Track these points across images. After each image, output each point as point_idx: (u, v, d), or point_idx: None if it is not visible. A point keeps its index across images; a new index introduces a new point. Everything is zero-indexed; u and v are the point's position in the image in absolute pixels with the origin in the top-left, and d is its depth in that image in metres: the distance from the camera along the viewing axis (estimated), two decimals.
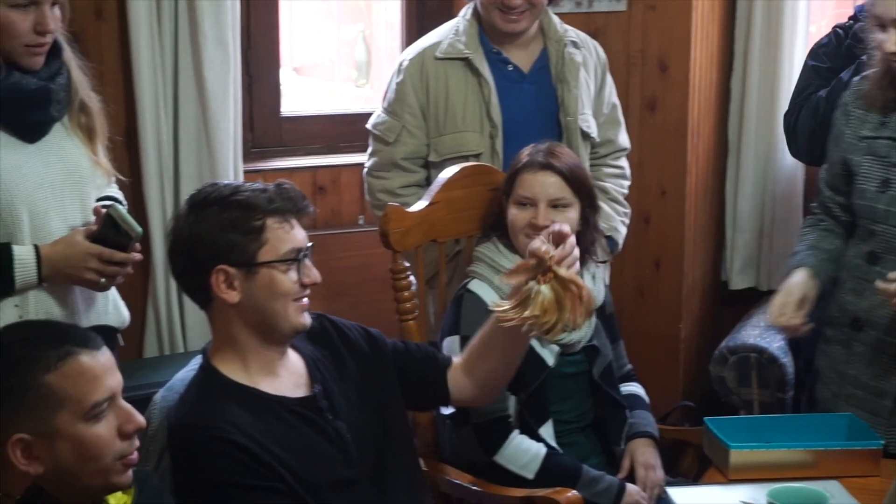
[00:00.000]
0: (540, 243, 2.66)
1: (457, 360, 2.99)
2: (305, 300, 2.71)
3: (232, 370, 2.67)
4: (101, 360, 2.23)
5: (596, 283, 3.46)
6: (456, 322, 3.32)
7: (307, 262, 2.70)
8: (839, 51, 4.07)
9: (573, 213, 3.37)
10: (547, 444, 3.31)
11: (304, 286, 2.69)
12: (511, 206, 3.37)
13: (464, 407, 3.18)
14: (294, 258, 2.66)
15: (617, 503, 3.27)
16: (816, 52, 4.19)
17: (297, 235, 2.68)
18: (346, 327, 2.94)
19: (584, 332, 3.40)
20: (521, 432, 3.28)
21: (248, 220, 2.62)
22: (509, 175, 3.42)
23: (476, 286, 3.36)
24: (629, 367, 3.67)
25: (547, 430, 3.33)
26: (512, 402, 3.31)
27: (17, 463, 2.13)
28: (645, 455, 3.43)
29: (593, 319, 3.45)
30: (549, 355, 3.35)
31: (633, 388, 3.64)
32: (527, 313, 2.60)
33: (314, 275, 2.71)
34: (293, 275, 2.66)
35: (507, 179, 3.42)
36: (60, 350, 2.18)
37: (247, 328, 2.67)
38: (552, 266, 2.62)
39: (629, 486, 3.30)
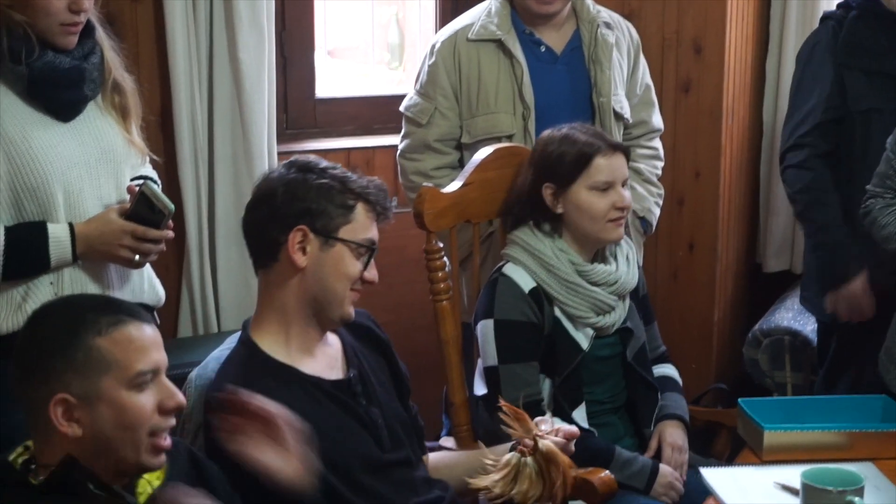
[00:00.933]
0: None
1: (429, 456, 3.03)
2: (357, 295, 2.75)
3: (272, 345, 2.70)
4: (149, 333, 2.28)
5: (630, 265, 3.45)
6: (490, 306, 3.32)
7: (373, 260, 2.75)
8: (835, 45, 3.95)
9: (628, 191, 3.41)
10: (580, 427, 3.30)
11: (363, 280, 2.73)
12: (584, 193, 3.32)
13: (496, 391, 3.19)
14: (368, 247, 2.72)
15: (650, 484, 3.27)
16: (811, 53, 4.06)
17: (375, 231, 2.75)
18: (389, 340, 3.01)
19: (618, 315, 3.39)
20: (555, 415, 3.28)
21: (343, 194, 2.69)
22: (570, 161, 3.32)
23: (511, 270, 3.35)
24: (663, 348, 3.67)
25: (580, 413, 3.33)
26: (546, 385, 3.31)
27: (57, 423, 2.17)
28: (673, 436, 3.43)
29: (627, 301, 3.44)
30: (583, 339, 3.35)
31: (667, 369, 3.63)
32: (515, 490, 2.60)
33: (374, 274, 2.77)
34: (360, 264, 2.71)
35: (568, 166, 3.32)
36: (112, 317, 2.23)
37: (300, 299, 2.70)
38: (537, 438, 2.62)
39: (663, 466, 3.30)
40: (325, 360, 2.77)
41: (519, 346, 3.27)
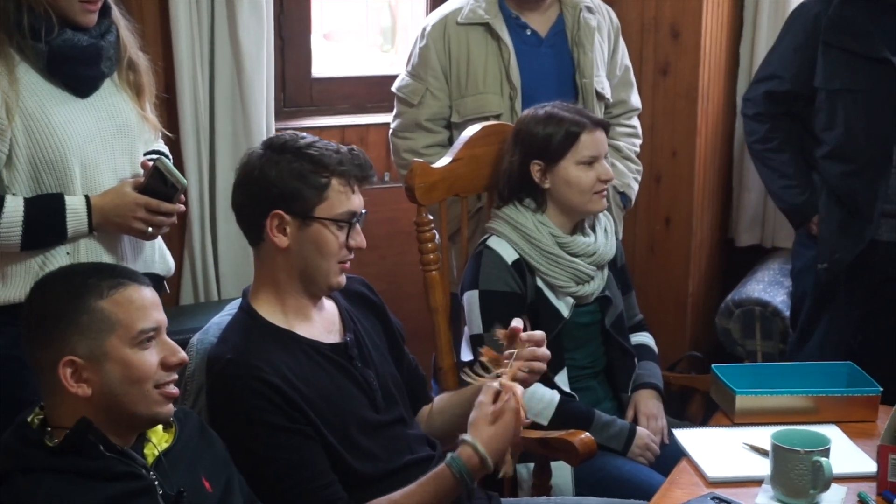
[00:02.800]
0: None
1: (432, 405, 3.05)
2: (347, 263, 2.75)
3: (270, 312, 2.72)
4: (148, 295, 2.31)
5: (608, 237, 3.50)
6: (475, 277, 3.36)
7: (357, 227, 2.73)
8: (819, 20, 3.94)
9: None
10: (561, 391, 3.35)
11: (349, 249, 2.72)
12: (572, 168, 3.36)
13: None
14: (347, 221, 2.70)
15: (628, 446, 3.32)
16: (795, 18, 4.09)
17: (355, 201, 2.72)
18: (383, 302, 3.01)
19: (597, 284, 3.44)
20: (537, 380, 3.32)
21: (315, 174, 2.65)
22: (559, 139, 3.37)
23: (495, 243, 3.39)
24: (640, 316, 3.71)
25: (562, 378, 3.37)
26: None
27: (67, 384, 2.20)
28: (648, 406, 3.47)
29: (605, 272, 3.48)
30: (564, 307, 3.39)
31: (643, 338, 3.67)
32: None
33: (361, 240, 2.74)
34: (342, 236, 2.69)
35: (557, 144, 3.37)
36: (112, 280, 2.27)
37: (290, 274, 2.71)
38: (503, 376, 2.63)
39: (639, 429, 3.36)
40: (323, 324, 2.79)
41: (502, 314, 3.24)
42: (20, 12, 2.84)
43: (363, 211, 2.75)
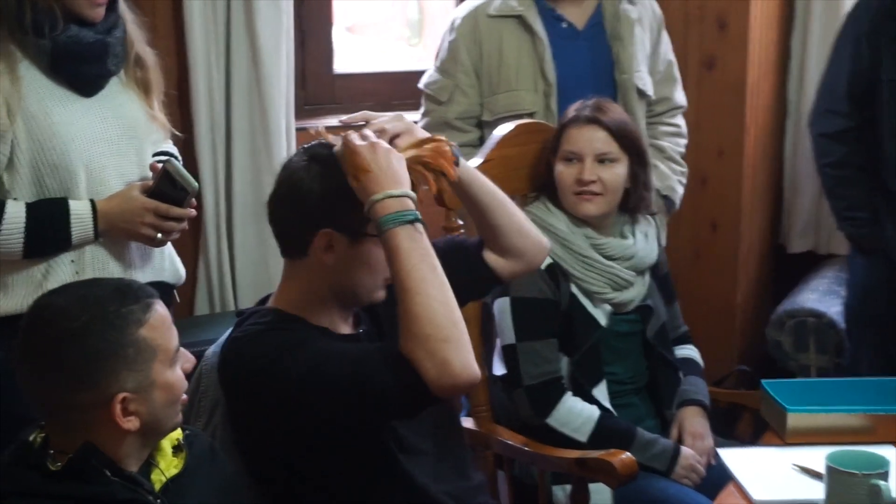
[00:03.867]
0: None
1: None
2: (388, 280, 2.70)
3: (289, 306, 2.67)
4: (166, 309, 2.32)
5: (648, 241, 3.48)
6: (507, 284, 3.28)
7: None
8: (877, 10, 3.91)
9: (621, 169, 3.39)
10: (601, 406, 3.32)
11: None
12: (558, 163, 3.40)
13: (515, 370, 3.22)
14: None
15: (671, 467, 3.29)
16: (854, 14, 4.03)
17: None
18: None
19: (637, 292, 3.42)
20: (575, 394, 3.31)
21: None
22: (556, 131, 3.45)
23: None
24: (684, 328, 3.68)
25: (601, 392, 3.35)
26: (564, 363, 3.33)
27: (120, 422, 2.20)
28: (693, 424, 3.44)
29: (647, 279, 3.46)
30: (601, 315, 3.38)
31: (688, 351, 3.65)
32: None
33: None
34: None
35: (554, 136, 3.44)
36: (142, 304, 2.26)
37: (328, 287, 2.66)
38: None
39: (684, 449, 3.32)
40: (338, 320, 2.73)
41: (536, 323, 3.30)
42: (23, 7, 2.84)
43: None
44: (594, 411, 3.30)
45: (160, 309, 2.29)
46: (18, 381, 2.26)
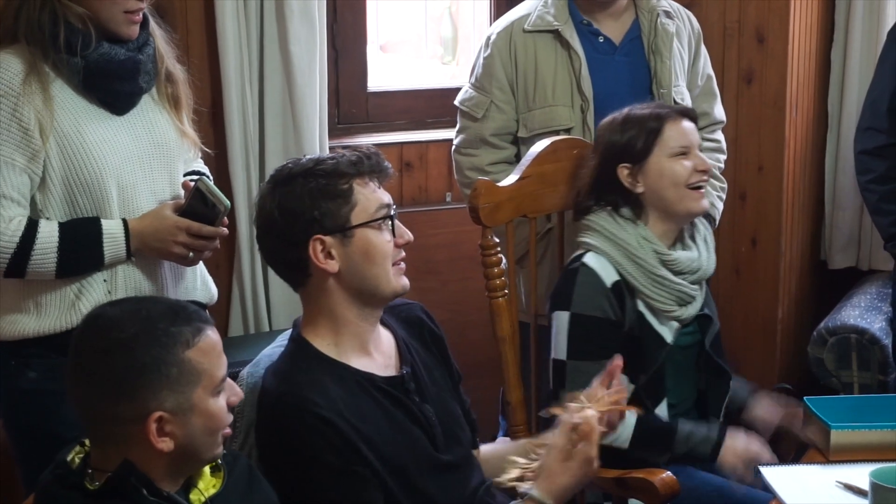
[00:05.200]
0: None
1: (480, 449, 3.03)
2: (403, 264, 2.75)
3: (324, 345, 2.70)
4: (218, 336, 2.32)
5: (709, 249, 3.45)
6: (567, 297, 3.27)
7: (398, 222, 2.73)
8: None
9: None
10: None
11: (398, 246, 2.73)
12: (665, 161, 3.31)
13: (560, 386, 3.21)
14: (386, 216, 2.70)
15: (716, 451, 3.24)
16: None
17: (383, 195, 2.73)
18: (443, 335, 3.00)
19: (698, 303, 3.38)
20: None
21: (335, 184, 2.66)
22: (643, 134, 3.33)
23: (593, 260, 3.30)
24: None
25: (661, 411, 3.31)
26: (623, 383, 3.22)
27: (154, 440, 2.20)
28: (759, 409, 3.45)
29: (704, 287, 3.43)
30: (667, 332, 3.32)
31: None
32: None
33: (407, 234, 2.76)
34: (387, 234, 2.70)
35: (642, 140, 3.33)
36: (193, 326, 2.26)
37: (346, 298, 2.70)
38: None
39: (729, 438, 3.25)
40: (381, 357, 2.77)
41: (592, 343, 3.22)
42: (56, 25, 2.85)
43: (392, 203, 2.75)
44: (631, 415, 3.23)
45: (212, 335, 2.29)
46: (66, 386, 2.27)
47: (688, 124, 3.36)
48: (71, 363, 2.26)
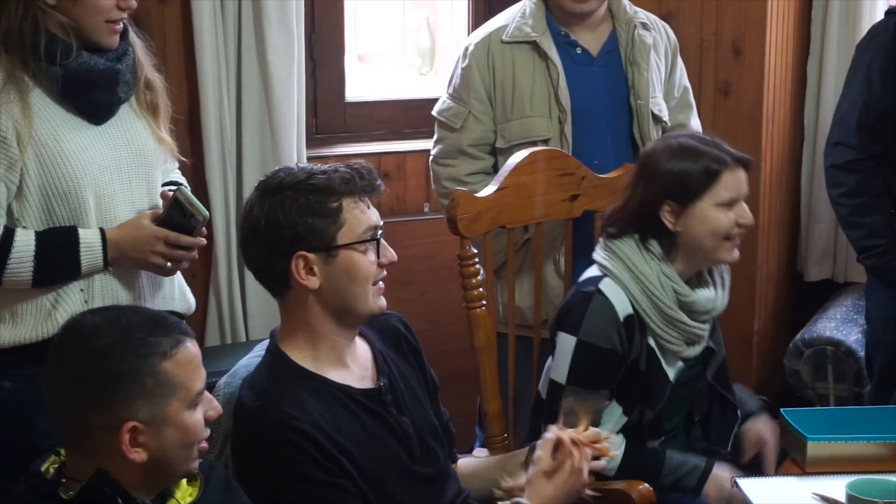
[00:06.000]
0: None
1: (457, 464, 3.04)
2: (381, 283, 2.74)
3: (301, 356, 2.70)
4: (197, 349, 2.32)
5: (725, 289, 3.37)
6: (578, 322, 3.19)
7: (383, 241, 2.73)
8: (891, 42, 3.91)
9: None
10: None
11: (381, 266, 2.72)
12: (710, 209, 3.18)
13: (553, 408, 3.19)
14: (372, 238, 2.69)
15: (701, 486, 3.22)
16: (867, 45, 4.03)
17: (373, 215, 2.71)
18: (420, 346, 3.00)
19: (705, 341, 3.33)
20: (628, 437, 3.23)
21: (325, 202, 2.64)
22: (697, 175, 3.17)
23: (609, 288, 3.21)
24: None
25: (655, 443, 3.30)
26: (615, 414, 3.23)
27: (126, 450, 2.19)
28: (753, 432, 3.42)
29: (710, 324, 3.37)
30: (671, 371, 3.27)
31: None
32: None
33: (391, 254, 2.75)
34: (371, 255, 2.70)
35: (694, 182, 3.17)
36: (172, 338, 2.25)
37: (324, 313, 2.70)
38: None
39: (716, 471, 3.22)
40: (358, 369, 2.78)
41: (594, 373, 3.17)
42: (37, 34, 2.85)
43: (382, 223, 2.75)
44: (622, 441, 3.23)
45: (191, 347, 2.28)
46: (44, 390, 2.26)
47: (742, 174, 3.22)
48: (48, 367, 2.26)
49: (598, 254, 3.30)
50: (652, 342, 3.23)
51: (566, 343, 3.20)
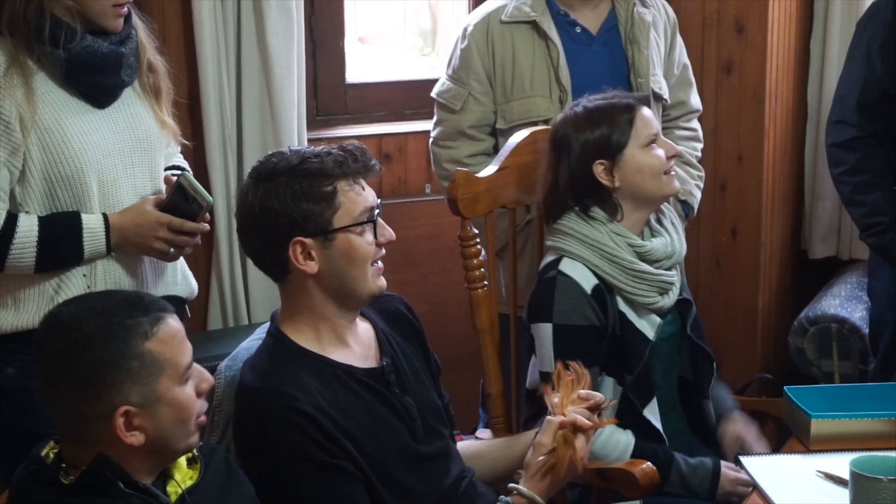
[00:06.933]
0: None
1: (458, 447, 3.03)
2: (381, 263, 2.75)
3: (302, 338, 2.71)
4: (179, 323, 2.32)
5: (678, 232, 3.42)
6: (548, 309, 3.21)
7: (381, 220, 2.73)
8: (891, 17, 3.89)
9: None
10: (652, 426, 3.26)
11: (379, 246, 2.72)
12: (639, 154, 3.25)
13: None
14: (369, 220, 2.70)
15: (713, 490, 3.22)
16: (868, 22, 4.00)
17: (368, 196, 2.72)
18: (422, 327, 3.00)
19: (676, 289, 3.35)
20: (624, 417, 3.20)
21: (319, 186, 2.64)
22: (617, 129, 3.26)
23: (569, 267, 3.24)
24: None
25: (651, 411, 3.28)
26: (609, 386, 3.24)
27: (123, 436, 2.20)
28: (731, 431, 3.40)
29: (678, 271, 3.40)
30: (648, 328, 3.28)
31: None
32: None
33: (389, 233, 2.76)
34: (369, 236, 2.70)
35: (616, 135, 3.26)
36: (151, 316, 2.25)
37: (324, 297, 2.70)
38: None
39: (724, 472, 3.22)
40: (360, 348, 2.78)
41: (579, 352, 3.10)
42: (42, 18, 2.86)
43: (378, 202, 2.75)
44: (630, 441, 3.22)
45: (172, 322, 2.29)
46: (37, 393, 2.27)
47: (648, 111, 3.33)
48: (36, 364, 2.27)
49: (548, 240, 3.34)
50: (622, 304, 3.26)
51: (544, 332, 3.22)
